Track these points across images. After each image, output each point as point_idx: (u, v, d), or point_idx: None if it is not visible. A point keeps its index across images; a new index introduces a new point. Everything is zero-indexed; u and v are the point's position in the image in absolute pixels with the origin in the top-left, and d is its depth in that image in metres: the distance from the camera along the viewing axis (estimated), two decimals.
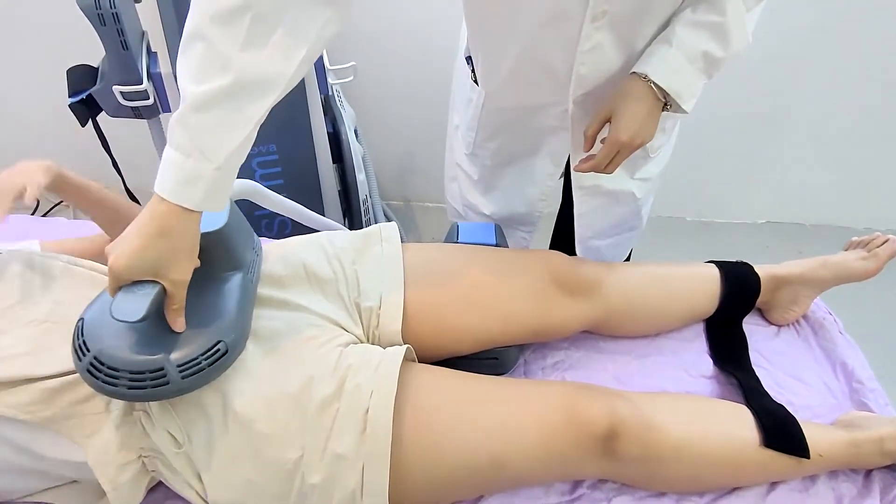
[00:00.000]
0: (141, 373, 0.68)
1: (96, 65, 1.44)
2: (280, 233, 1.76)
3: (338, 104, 1.72)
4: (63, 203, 2.38)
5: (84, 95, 1.41)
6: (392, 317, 0.89)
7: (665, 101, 0.87)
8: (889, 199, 2.20)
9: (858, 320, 1.18)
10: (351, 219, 1.91)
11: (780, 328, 1.12)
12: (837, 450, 0.86)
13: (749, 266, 1.10)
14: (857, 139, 2.08)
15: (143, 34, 1.41)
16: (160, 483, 0.82)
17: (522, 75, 0.94)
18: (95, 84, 1.40)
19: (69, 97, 1.42)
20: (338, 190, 1.80)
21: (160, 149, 1.57)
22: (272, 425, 0.74)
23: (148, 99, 1.40)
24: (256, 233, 0.91)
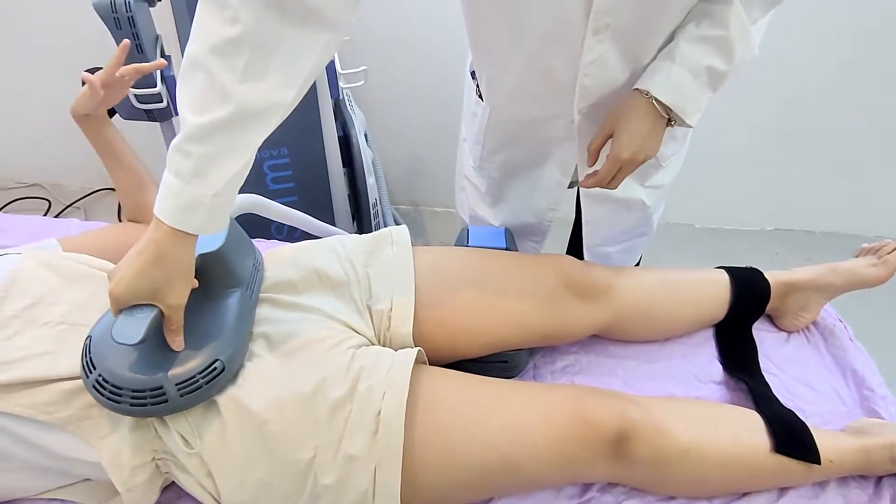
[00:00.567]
0: (142, 391, 0.72)
1: None
2: (290, 236, 1.77)
3: (348, 108, 1.73)
4: (74, 205, 2.41)
5: None
6: (403, 319, 0.90)
7: (668, 117, 0.85)
8: None
9: (869, 327, 1.18)
10: (360, 222, 1.92)
11: (790, 335, 1.11)
12: (848, 456, 0.86)
13: (759, 272, 1.10)
14: (868, 146, 2.08)
15: (157, 38, 1.43)
16: (173, 483, 0.83)
17: (527, 88, 0.94)
18: None
19: None
20: (347, 193, 1.81)
21: None
22: (285, 426, 0.74)
23: (161, 102, 1.42)
24: (266, 236, 0.93)
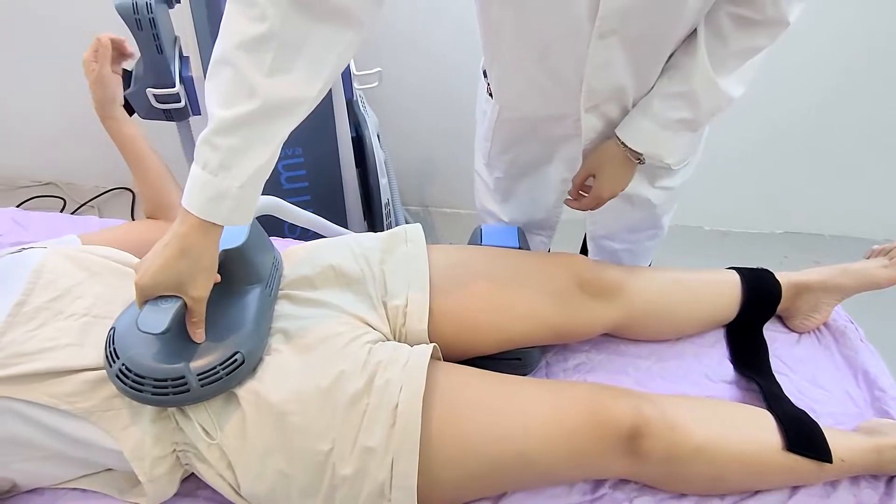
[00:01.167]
0: (164, 380, 0.73)
1: (129, 69, 1.47)
2: (303, 235, 1.78)
3: (361, 109, 1.74)
4: (88, 203, 2.43)
5: None
6: (418, 316, 0.91)
7: (639, 160, 0.97)
8: None
9: (880, 329, 1.18)
10: (372, 222, 1.94)
11: (801, 335, 1.12)
12: (859, 455, 0.86)
13: (770, 273, 1.11)
14: (878, 150, 2.07)
15: (176, 39, 1.45)
16: (192, 474, 0.84)
17: (536, 87, 0.96)
18: (129, 87, 1.44)
19: None
20: (359, 193, 1.83)
21: (188, 151, 1.61)
22: (304, 418, 0.76)
23: (179, 102, 1.44)
24: (282, 235, 0.95)
